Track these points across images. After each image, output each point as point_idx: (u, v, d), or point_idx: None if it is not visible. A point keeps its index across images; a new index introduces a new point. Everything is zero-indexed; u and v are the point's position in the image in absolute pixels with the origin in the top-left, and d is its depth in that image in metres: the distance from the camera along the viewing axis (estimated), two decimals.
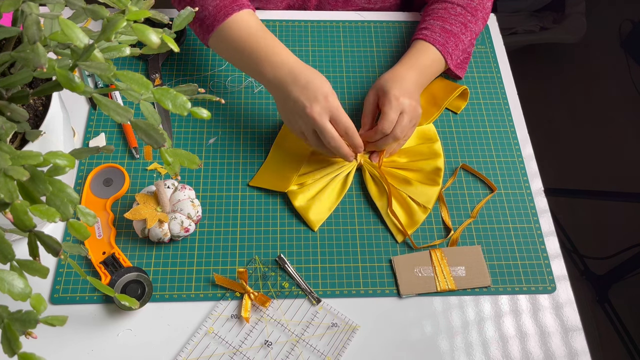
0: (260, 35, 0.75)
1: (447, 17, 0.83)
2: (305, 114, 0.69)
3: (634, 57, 2.02)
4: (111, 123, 0.81)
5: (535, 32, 1.93)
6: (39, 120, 0.59)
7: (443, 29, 0.82)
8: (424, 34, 0.82)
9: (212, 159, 0.79)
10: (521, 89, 0.89)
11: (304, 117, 0.70)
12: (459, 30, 0.82)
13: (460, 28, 0.83)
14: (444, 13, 0.84)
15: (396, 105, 0.73)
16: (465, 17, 0.83)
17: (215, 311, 0.67)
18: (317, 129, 0.70)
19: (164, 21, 0.51)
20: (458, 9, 0.84)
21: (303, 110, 0.70)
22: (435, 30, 0.82)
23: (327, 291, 0.69)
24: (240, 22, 0.75)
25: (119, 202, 0.74)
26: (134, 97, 0.46)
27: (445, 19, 0.83)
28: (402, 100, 0.73)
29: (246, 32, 0.75)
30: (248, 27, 0.75)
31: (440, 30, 0.82)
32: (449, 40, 0.81)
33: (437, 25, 0.82)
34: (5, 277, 0.40)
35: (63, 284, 0.68)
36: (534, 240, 0.74)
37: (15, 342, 0.40)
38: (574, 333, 0.68)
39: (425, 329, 0.68)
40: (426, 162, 0.78)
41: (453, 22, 0.82)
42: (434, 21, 0.83)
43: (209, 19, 0.76)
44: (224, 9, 0.75)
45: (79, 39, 0.41)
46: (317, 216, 0.74)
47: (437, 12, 0.84)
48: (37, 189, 0.42)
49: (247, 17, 0.76)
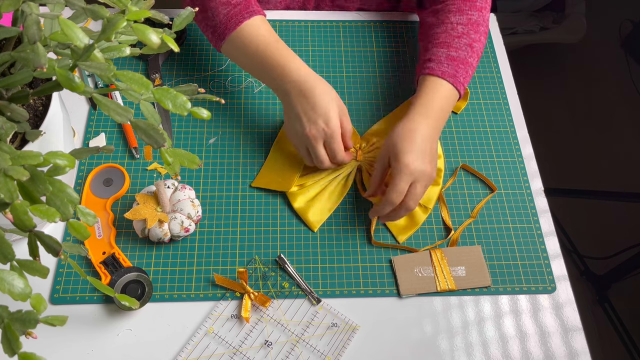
0: (272, 43, 0.74)
1: (450, 43, 0.76)
2: (304, 135, 0.71)
3: (634, 57, 2.02)
4: (111, 123, 0.81)
5: (535, 32, 1.93)
6: (39, 120, 0.59)
7: (449, 57, 0.75)
8: (430, 68, 0.74)
9: (212, 159, 0.79)
10: (521, 89, 0.89)
11: (301, 136, 0.72)
12: (465, 55, 0.75)
13: (466, 52, 0.75)
14: (446, 38, 0.76)
15: (407, 175, 0.66)
16: (469, 37, 0.76)
17: (215, 311, 0.67)
18: (310, 150, 0.72)
19: (164, 21, 0.51)
20: (459, 28, 0.77)
21: (302, 130, 0.71)
22: (442, 60, 0.74)
23: (327, 291, 0.69)
24: (251, 29, 0.75)
25: (119, 202, 0.74)
26: (134, 97, 0.46)
27: (449, 45, 0.75)
28: (414, 167, 0.66)
29: (257, 40, 0.74)
30: (259, 35, 0.74)
31: (447, 59, 0.75)
32: (458, 69, 0.74)
33: (443, 54, 0.75)
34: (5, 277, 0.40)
35: (63, 284, 0.68)
36: (534, 240, 0.74)
37: (16, 342, 0.40)
38: (574, 333, 0.68)
39: (425, 329, 0.68)
40: None
41: (458, 47, 0.75)
42: (438, 49, 0.76)
43: (221, 27, 0.76)
44: (235, 17, 0.75)
45: (79, 39, 0.41)
46: (316, 217, 0.74)
47: (438, 38, 0.77)
48: (37, 189, 0.42)
49: (258, 25, 0.75)
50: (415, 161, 0.66)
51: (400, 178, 0.66)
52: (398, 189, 0.66)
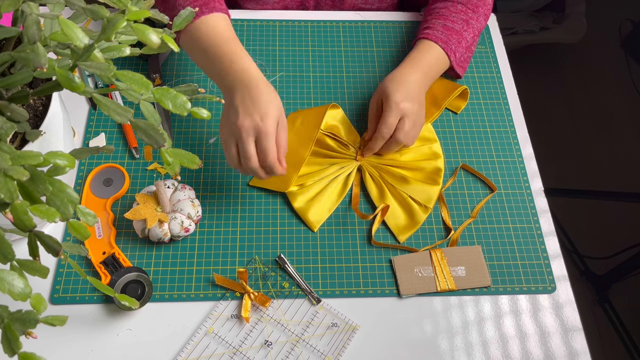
0: (226, 40, 0.72)
1: (448, 15, 0.84)
2: (236, 125, 0.66)
3: (634, 57, 2.02)
4: (111, 123, 0.81)
5: (535, 32, 1.93)
6: (39, 120, 0.59)
7: (445, 26, 0.83)
8: (426, 33, 0.83)
9: (212, 159, 0.79)
10: (521, 89, 0.89)
11: (232, 127, 0.67)
12: (460, 28, 0.83)
13: (462, 25, 0.84)
14: (445, 12, 0.85)
15: (396, 111, 0.73)
16: (467, 14, 0.85)
17: (215, 311, 0.67)
18: (239, 144, 0.67)
19: (164, 21, 0.51)
20: (459, 6, 0.85)
21: (235, 120, 0.66)
22: (438, 28, 0.83)
23: (327, 291, 0.69)
24: (208, 25, 0.73)
25: (119, 202, 0.74)
26: (134, 97, 0.46)
27: (446, 17, 0.84)
28: (404, 105, 0.74)
29: (213, 35, 0.73)
30: (216, 32, 0.73)
31: (442, 28, 0.83)
32: (451, 37, 0.82)
33: (439, 24, 0.83)
34: (5, 277, 0.40)
35: (63, 284, 0.68)
36: (534, 240, 0.74)
37: (15, 342, 0.40)
38: (574, 333, 0.68)
39: (425, 329, 0.68)
40: (427, 162, 0.78)
41: (455, 20, 0.84)
42: (436, 20, 0.84)
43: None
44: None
45: (79, 39, 0.41)
46: (316, 217, 0.74)
47: (438, 12, 0.86)
48: (37, 189, 0.42)
49: (216, 22, 0.74)
50: (404, 100, 0.74)
51: (389, 114, 0.74)
52: (388, 124, 0.74)
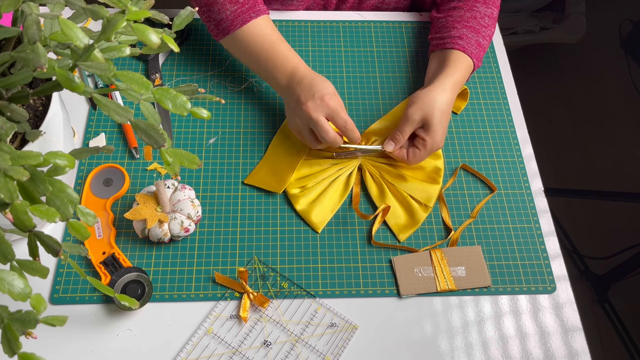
0: (275, 43, 0.78)
1: (479, 30, 0.82)
2: (301, 110, 0.72)
3: (634, 57, 2.02)
4: (111, 123, 0.81)
5: (535, 32, 1.93)
6: (39, 120, 0.59)
7: (478, 42, 0.81)
8: (460, 45, 0.80)
9: (212, 159, 0.79)
10: (521, 89, 0.89)
11: (300, 113, 0.73)
12: (486, 44, 0.83)
13: (487, 42, 0.83)
14: (476, 24, 0.82)
15: (433, 150, 0.74)
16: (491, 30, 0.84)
17: (214, 311, 0.67)
18: (312, 124, 0.72)
19: (164, 21, 0.51)
20: (486, 19, 0.83)
21: (300, 107, 0.73)
22: (472, 42, 0.81)
23: (327, 291, 0.69)
24: (256, 29, 0.78)
25: (119, 202, 0.74)
26: (134, 97, 0.46)
27: (478, 31, 0.82)
28: (440, 145, 0.74)
29: (262, 39, 0.78)
30: (264, 34, 0.78)
31: (476, 44, 0.81)
32: (481, 52, 0.82)
33: (473, 38, 0.81)
34: (5, 277, 0.40)
35: (63, 284, 0.68)
36: (534, 240, 0.74)
37: (15, 342, 0.40)
38: (574, 333, 0.68)
39: (425, 329, 0.68)
40: (426, 162, 0.78)
41: (485, 34, 0.82)
42: (469, 32, 0.81)
43: (226, 22, 0.79)
44: (242, 15, 0.78)
45: (79, 39, 0.41)
46: (319, 218, 0.74)
47: (468, 21, 0.82)
48: (37, 189, 0.42)
49: (263, 24, 0.79)
50: (442, 140, 0.75)
51: (425, 152, 0.74)
52: (418, 158, 0.75)
